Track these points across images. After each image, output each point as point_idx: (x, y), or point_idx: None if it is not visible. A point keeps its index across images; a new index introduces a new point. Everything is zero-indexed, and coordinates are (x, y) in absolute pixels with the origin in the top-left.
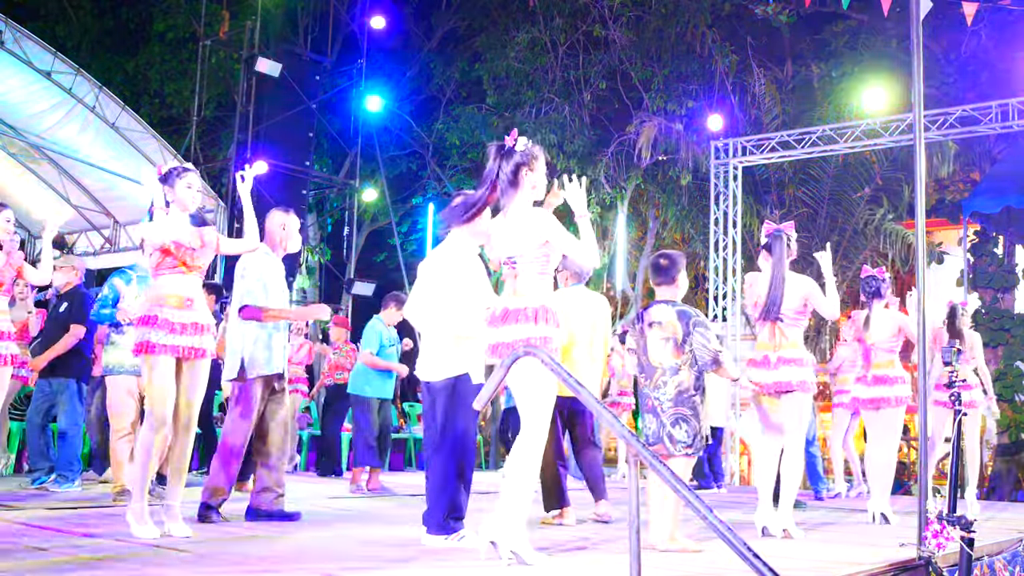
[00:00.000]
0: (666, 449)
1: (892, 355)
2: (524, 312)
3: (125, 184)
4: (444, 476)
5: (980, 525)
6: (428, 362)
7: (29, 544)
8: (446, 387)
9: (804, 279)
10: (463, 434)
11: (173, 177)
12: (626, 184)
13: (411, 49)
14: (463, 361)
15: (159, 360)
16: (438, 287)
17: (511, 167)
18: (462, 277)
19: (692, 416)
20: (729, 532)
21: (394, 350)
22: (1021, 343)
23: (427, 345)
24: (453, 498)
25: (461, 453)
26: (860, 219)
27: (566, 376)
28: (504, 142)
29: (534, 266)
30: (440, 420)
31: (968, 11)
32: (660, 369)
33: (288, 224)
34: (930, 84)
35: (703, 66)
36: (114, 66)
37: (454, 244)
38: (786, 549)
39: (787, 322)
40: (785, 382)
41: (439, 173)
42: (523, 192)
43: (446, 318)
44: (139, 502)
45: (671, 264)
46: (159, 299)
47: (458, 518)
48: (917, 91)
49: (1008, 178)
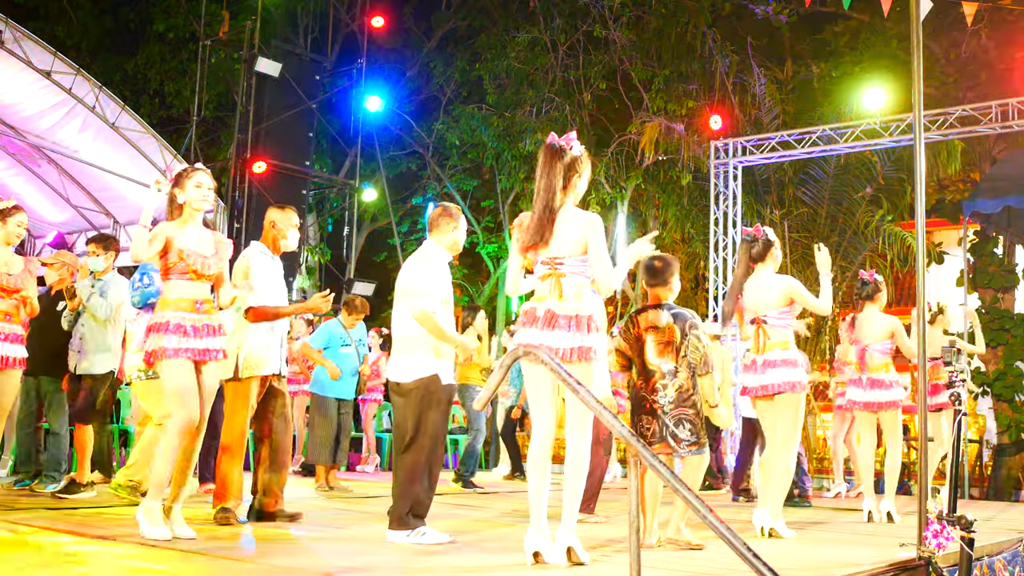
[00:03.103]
0: (670, 448)
1: (886, 357)
2: (576, 320)
3: (125, 184)
4: (411, 474)
5: (980, 525)
6: (398, 364)
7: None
8: (416, 388)
9: (786, 279)
10: (434, 434)
11: (183, 179)
12: (626, 184)
13: (411, 49)
14: (432, 363)
15: (174, 363)
16: (407, 292)
17: (564, 169)
18: (431, 281)
19: (694, 415)
20: (729, 532)
21: (350, 350)
22: (1021, 343)
23: (397, 347)
24: (417, 496)
25: (431, 452)
26: (861, 220)
27: (566, 376)
28: (555, 142)
29: (581, 268)
30: (412, 420)
31: (968, 11)
32: (658, 372)
33: (278, 221)
34: (930, 84)
35: (703, 66)
36: (114, 66)
37: (422, 250)
38: (786, 549)
39: (771, 323)
40: (770, 384)
41: (439, 173)
42: (572, 195)
43: (411, 321)
44: (153, 503)
45: (665, 266)
46: (169, 304)
47: (419, 515)
48: (917, 91)
49: (1008, 178)
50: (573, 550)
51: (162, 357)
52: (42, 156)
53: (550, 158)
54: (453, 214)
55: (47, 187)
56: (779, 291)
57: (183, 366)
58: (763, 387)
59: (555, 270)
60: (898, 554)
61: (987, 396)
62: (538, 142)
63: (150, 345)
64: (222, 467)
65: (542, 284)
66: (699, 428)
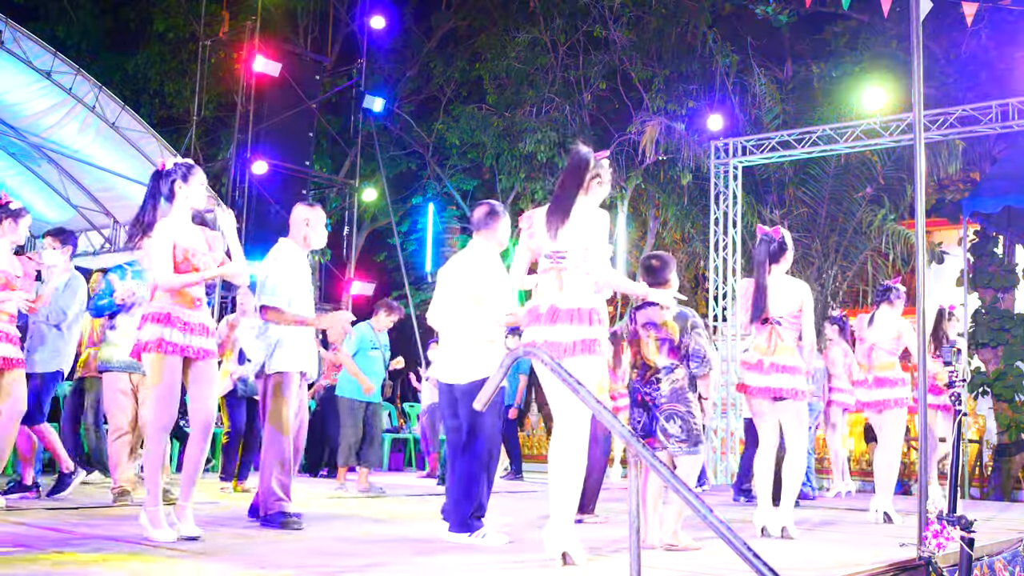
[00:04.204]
0: (659, 443)
1: (892, 357)
2: (577, 312)
3: (125, 184)
4: (471, 476)
5: (980, 525)
6: (452, 365)
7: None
8: (471, 390)
9: (803, 284)
10: (491, 435)
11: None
12: (626, 184)
13: (411, 49)
14: (487, 364)
15: (168, 360)
16: (461, 292)
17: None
18: (485, 282)
19: (686, 412)
20: (729, 532)
21: (378, 354)
22: (1021, 343)
23: (450, 349)
24: (478, 498)
25: (488, 454)
26: (863, 219)
27: (566, 376)
28: (589, 154)
29: (582, 265)
30: (467, 422)
31: (968, 11)
32: (654, 368)
33: (312, 219)
34: (930, 84)
35: (703, 66)
36: (114, 66)
37: (475, 250)
38: (786, 549)
39: (784, 326)
40: (776, 388)
41: (439, 173)
42: (588, 197)
43: (471, 322)
44: (154, 506)
45: (663, 265)
46: (170, 298)
47: (480, 516)
48: (917, 91)
49: (1008, 178)
50: (568, 554)
51: (154, 350)
52: (42, 156)
53: (577, 164)
54: (499, 211)
55: (47, 187)
56: (796, 295)
57: (176, 364)
58: (767, 389)
59: (557, 264)
60: (898, 554)
61: (987, 396)
62: (538, 142)
63: (144, 335)
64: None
65: (544, 278)
66: (692, 426)
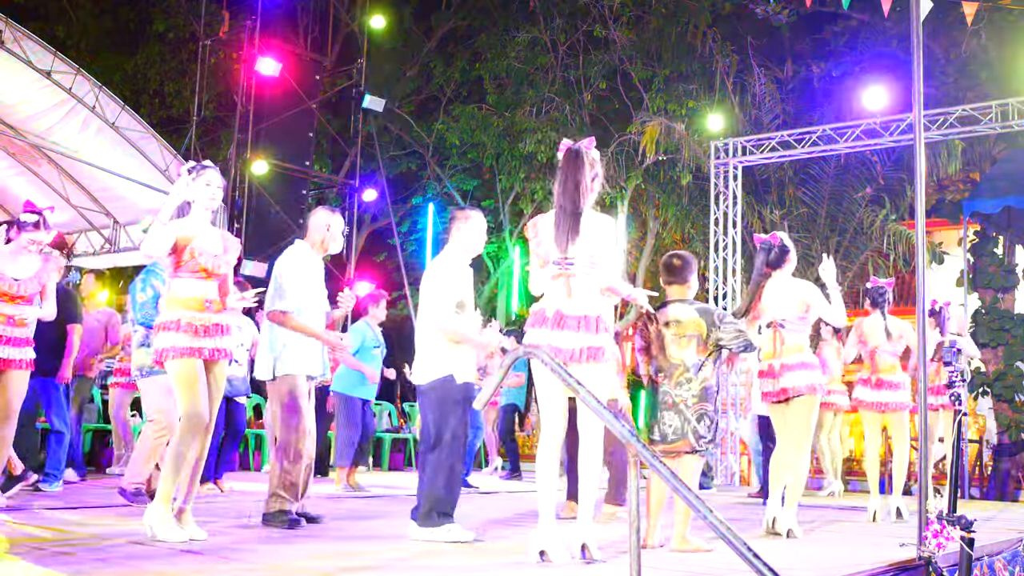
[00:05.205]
0: (690, 445)
1: (895, 359)
2: (584, 320)
3: (125, 184)
4: (434, 473)
5: (980, 525)
6: (416, 366)
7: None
8: (432, 388)
9: (806, 285)
10: (454, 433)
11: (195, 175)
12: (626, 184)
13: (411, 49)
14: (447, 363)
15: (185, 363)
16: (423, 299)
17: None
18: (449, 284)
19: (713, 411)
20: (729, 532)
21: (379, 352)
22: (1021, 343)
23: (417, 350)
24: (440, 494)
25: (452, 451)
26: (863, 219)
27: (566, 376)
28: (578, 146)
29: (591, 271)
30: (431, 420)
31: (968, 11)
32: (682, 366)
33: (332, 225)
34: (930, 84)
35: (703, 66)
36: (114, 66)
37: (440, 256)
38: (786, 549)
39: (788, 328)
40: (792, 387)
41: (439, 173)
42: (591, 197)
43: (430, 322)
44: (164, 505)
45: (684, 265)
46: (179, 302)
47: (444, 513)
48: (917, 91)
49: (1008, 178)
50: (587, 547)
51: (171, 357)
52: (42, 156)
53: (573, 161)
54: (459, 216)
55: (47, 187)
56: (797, 297)
57: (194, 365)
58: (783, 390)
59: (566, 270)
60: (898, 554)
61: (987, 396)
62: (538, 142)
63: (159, 344)
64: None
65: (553, 284)
66: (716, 426)
